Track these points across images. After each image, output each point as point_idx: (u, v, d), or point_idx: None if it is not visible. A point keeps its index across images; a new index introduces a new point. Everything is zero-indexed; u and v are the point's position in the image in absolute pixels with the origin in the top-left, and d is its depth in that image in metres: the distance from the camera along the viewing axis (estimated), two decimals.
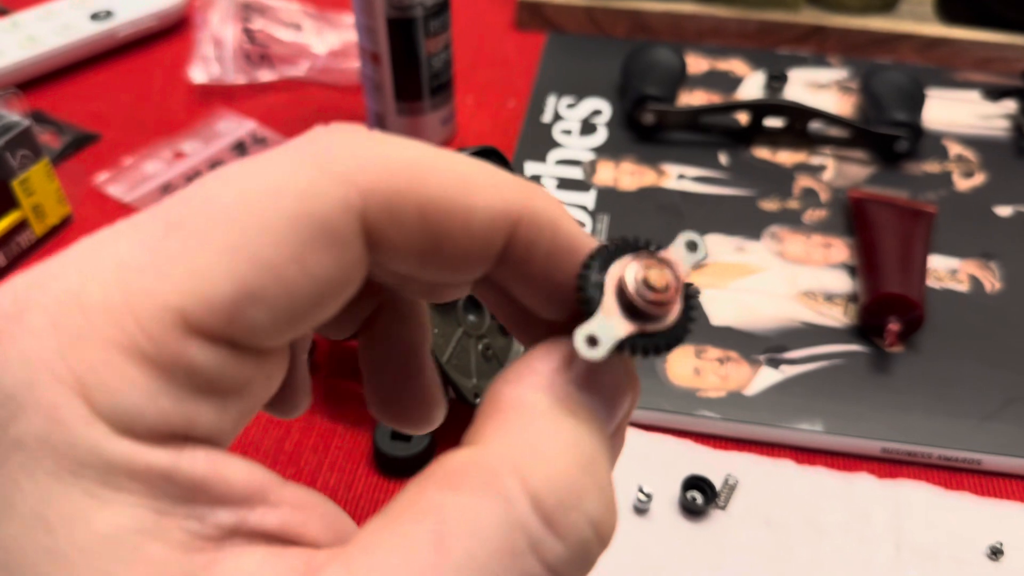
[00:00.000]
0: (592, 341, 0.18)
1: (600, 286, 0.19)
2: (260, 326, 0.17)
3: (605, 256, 0.19)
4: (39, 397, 0.15)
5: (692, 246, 0.20)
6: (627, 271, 0.19)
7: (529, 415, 0.19)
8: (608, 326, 0.19)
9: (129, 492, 0.16)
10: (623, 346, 0.19)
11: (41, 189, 0.58)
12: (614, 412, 0.20)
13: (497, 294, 0.22)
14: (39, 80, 0.72)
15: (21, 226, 0.57)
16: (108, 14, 0.74)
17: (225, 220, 0.16)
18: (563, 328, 0.20)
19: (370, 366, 0.25)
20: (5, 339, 0.16)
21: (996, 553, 0.43)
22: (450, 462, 0.18)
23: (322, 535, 0.18)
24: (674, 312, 0.19)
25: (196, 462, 0.16)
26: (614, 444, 0.20)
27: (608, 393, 0.20)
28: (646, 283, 0.19)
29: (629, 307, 0.19)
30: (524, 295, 0.21)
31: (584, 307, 0.19)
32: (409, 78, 0.62)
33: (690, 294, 0.20)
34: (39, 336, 0.16)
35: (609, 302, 0.19)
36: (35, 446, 0.15)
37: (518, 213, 0.19)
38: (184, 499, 0.16)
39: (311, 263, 0.17)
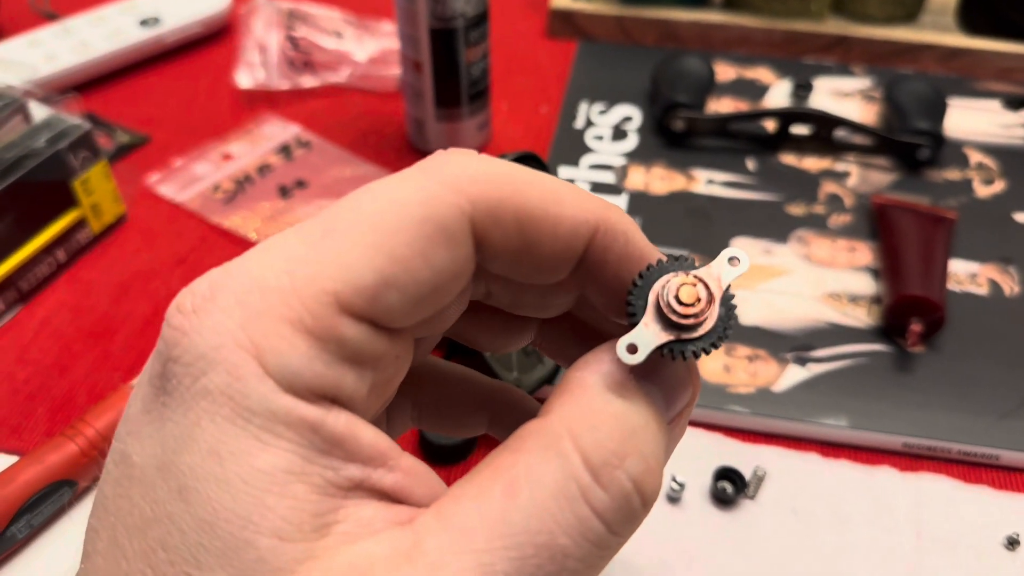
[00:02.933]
0: (632, 349, 0.22)
1: (644, 300, 0.22)
2: (394, 307, 0.21)
3: (652, 273, 0.23)
4: (224, 357, 0.19)
5: (733, 261, 0.23)
6: (666, 287, 0.22)
7: (587, 392, 0.22)
8: (647, 335, 0.22)
9: (285, 439, 0.19)
10: (661, 351, 0.22)
11: (99, 189, 0.60)
12: (671, 402, 0.23)
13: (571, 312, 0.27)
14: (90, 84, 0.75)
15: (80, 224, 0.60)
16: (156, 20, 0.77)
17: (368, 224, 0.21)
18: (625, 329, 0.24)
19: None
20: (202, 313, 0.20)
21: (1013, 544, 0.46)
22: (522, 430, 0.22)
23: (424, 498, 0.21)
24: (709, 322, 0.22)
25: (339, 421, 0.20)
26: (672, 431, 0.24)
27: (665, 384, 0.23)
28: (677, 298, 0.22)
29: (665, 319, 0.22)
30: (596, 297, 0.25)
31: (629, 319, 0.22)
32: (449, 86, 0.64)
33: (730, 305, 0.23)
34: (227, 311, 0.20)
35: (649, 314, 0.22)
36: (218, 395, 0.19)
37: (596, 222, 0.23)
38: (325, 451, 0.20)
39: (432, 257, 0.21)
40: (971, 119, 0.71)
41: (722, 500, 0.47)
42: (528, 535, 0.19)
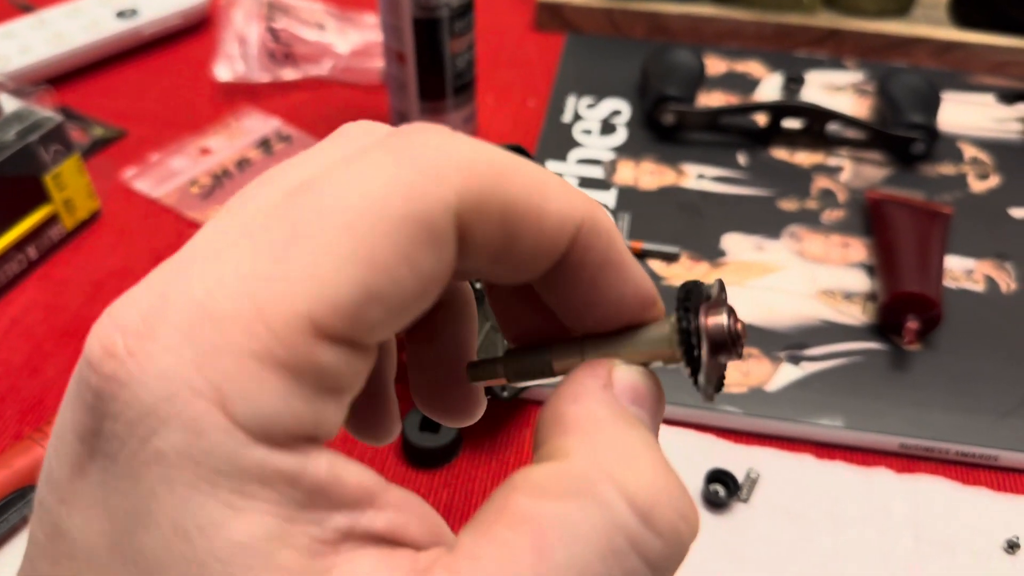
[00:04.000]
0: (708, 382, 0.21)
1: (699, 335, 0.21)
2: (376, 323, 0.18)
3: (692, 301, 0.22)
4: (179, 411, 0.16)
5: (722, 288, 0.22)
6: (720, 320, 0.21)
7: (601, 426, 0.20)
8: (711, 368, 0.21)
9: (261, 499, 0.16)
10: (719, 385, 0.22)
11: (72, 184, 0.59)
12: (655, 422, 0.22)
13: (519, 303, 0.24)
14: (66, 77, 0.73)
15: (52, 220, 0.58)
16: (133, 12, 0.75)
17: (340, 229, 0.17)
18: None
19: (420, 362, 0.26)
20: (141, 356, 0.16)
21: (1013, 547, 0.44)
22: (535, 475, 0.19)
23: (421, 535, 0.18)
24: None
25: (320, 466, 0.17)
26: None
27: (649, 406, 0.21)
28: (740, 333, 0.21)
29: (721, 351, 0.21)
30: (563, 300, 0.22)
31: (688, 352, 0.21)
32: (433, 77, 0.63)
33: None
34: (174, 351, 0.16)
35: (706, 349, 0.21)
36: (174, 458, 0.16)
37: (581, 219, 0.20)
38: (307, 504, 0.17)
39: (417, 261, 0.18)
40: (965, 113, 0.70)
41: (714, 503, 0.46)
42: None
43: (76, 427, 0.17)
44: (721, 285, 0.22)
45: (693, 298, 0.21)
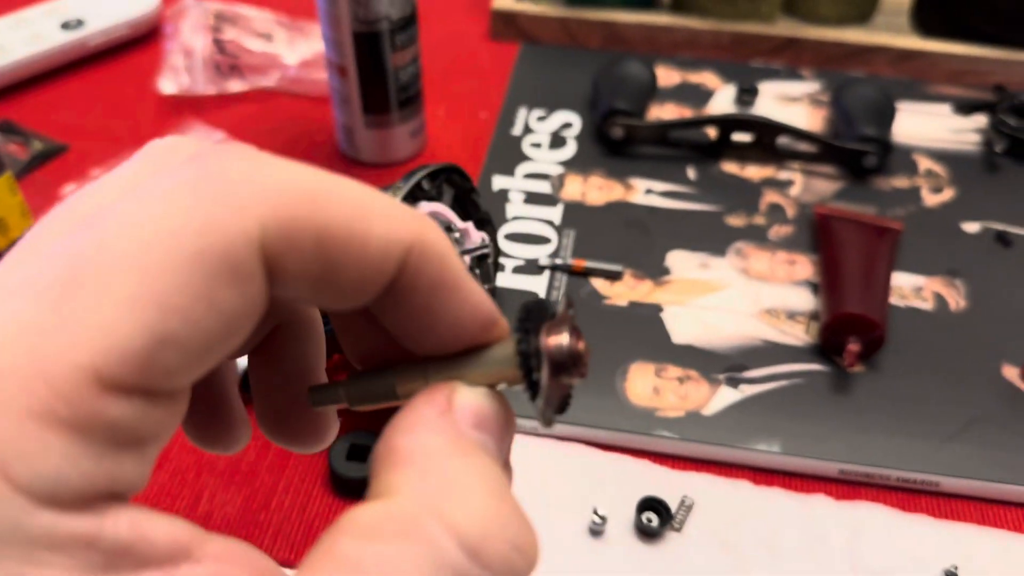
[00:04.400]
0: (547, 410, 0.20)
1: (539, 356, 0.20)
2: (174, 369, 0.16)
3: (533, 321, 0.21)
4: None
5: (569, 305, 0.22)
6: (561, 340, 0.20)
7: (433, 459, 0.19)
8: (552, 391, 0.20)
9: (54, 566, 0.15)
10: (562, 407, 0.21)
11: (4, 203, 0.57)
12: (501, 447, 0.20)
13: (361, 323, 0.23)
14: (8, 90, 0.72)
15: None
16: (79, 23, 0.74)
17: (125, 268, 0.16)
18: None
19: (263, 384, 0.25)
20: None
21: None
22: (362, 515, 0.18)
23: None
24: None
25: (119, 525, 0.16)
26: (507, 474, 0.21)
27: (493, 430, 0.20)
28: (581, 353, 0.20)
29: (562, 371, 0.20)
30: (397, 325, 0.21)
31: (528, 375, 0.20)
32: (376, 91, 0.61)
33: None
34: None
35: (546, 370, 0.20)
36: None
37: (410, 242, 0.19)
38: (110, 566, 0.16)
39: (217, 299, 0.17)
40: (921, 124, 0.69)
41: (647, 533, 0.45)
42: None
43: None
44: (568, 301, 0.21)
45: (533, 317, 0.21)
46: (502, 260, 0.57)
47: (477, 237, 0.49)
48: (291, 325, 0.24)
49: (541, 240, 0.59)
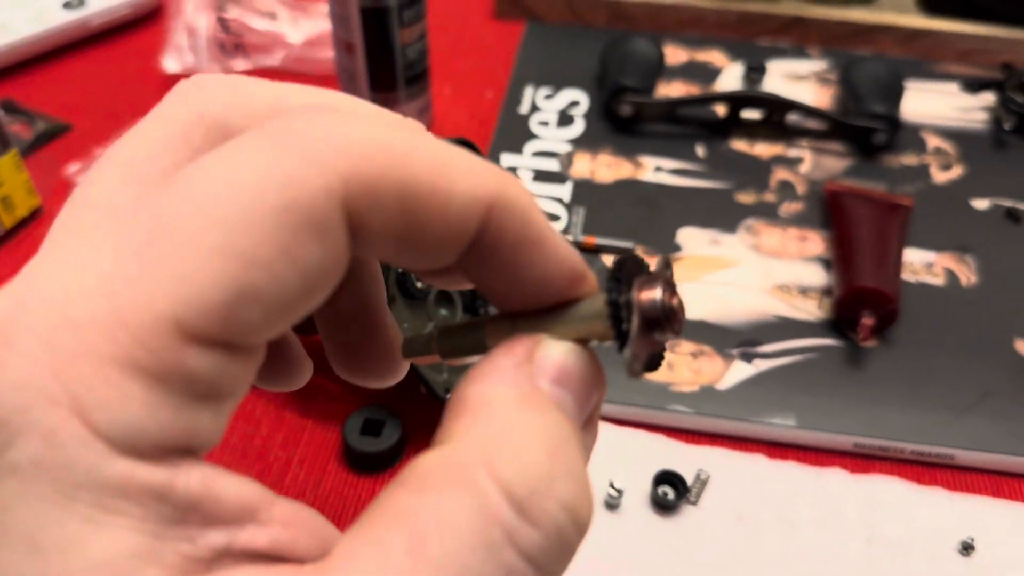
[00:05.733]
0: (636, 361, 0.20)
1: (629, 308, 0.20)
2: (255, 324, 0.16)
3: (625, 274, 0.20)
4: (35, 421, 0.15)
5: (667, 264, 0.21)
6: (654, 294, 0.20)
7: (496, 409, 0.19)
8: (640, 346, 0.20)
9: (125, 515, 0.15)
10: (653, 364, 0.21)
11: (10, 180, 0.57)
12: (583, 404, 0.20)
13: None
14: (11, 69, 0.71)
15: None
16: (81, 2, 0.73)
17: (210, 220, 0.16)
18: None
19: (329, 324, 0.25)
20: None
21: (967, 548, 0.43)
22: (420, 464, 0.18)
23: (311, 550, 0.17)
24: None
25: (191, 480, 0.16)
26: (587, 436, 0.21)
27: (575, 386, 0.20)
28: (675, 309, 0.20)
29: (654, 327, 0.20)
30: (484, 281, 0.21)
31: (617, 325, 0.20)
32: (383, 68, 0.61)
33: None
34: (31, 358, 0.15)
35: (638, 322, 0.20)
36: (30, 471, 0.15)
37: (493, 198, 0.19)
38: (178, 520, 0.16)
39: (300, 255, 0.16)
40: (929, 102, 0.69)
41: (663, 506, 0.45)
42: None
43: None
44: (667, 262, 0.21)
45: (626, 270, 0.20)
46: None
47: None
48: (352, 269, 0.24)
49: (551, 217, 0.58)
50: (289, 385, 0.25)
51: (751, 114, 0.64)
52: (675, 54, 0.72)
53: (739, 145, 0.64)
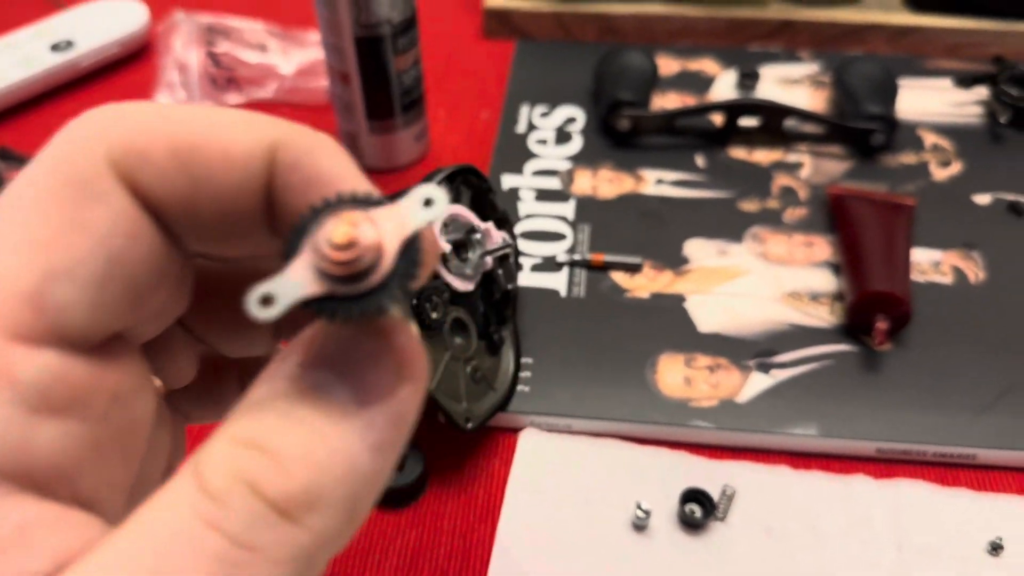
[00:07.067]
0: (267, 300, 0.16)
1: (300, 242, 0.17)
2: (73, 304, 0.17)
3: (324, 209, 0.18)
4: None
5: (428, 202, 0.18)
6: (324, 227, 0.17)
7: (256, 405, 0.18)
8: (292, 285, 0.17)
9: None
10: (319, 310, 0.17)
11: None
12: (363, 391, 0.18)
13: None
14: (2, 115, 0.71)
15: None
16: (69, 44, 0.73)
17: (9, 223, 0.17)
18: None
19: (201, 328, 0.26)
20: None
21: (996, 548, 0.43)
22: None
23: None
24: (378, 275, 0.17)
25: (5, 522, 0.15)
26: (376, 428, 0.18)
27: (349, 370, 0.18)
28: (330, 241, 0.17)
29: (319, 267, 0.17)
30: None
31: (287, 256, 0.17)
32: (380, 96, 0.61)
33: (412, 255, 0.17)
34: None
35: (303, 260, 0.17)
36: None
37: (274, 140, 0.19)
38: None
39: (86, 220, 0.17)
40: (923, 99, 0.69)
41: (691, 524, 0.44)
42: None
43: None
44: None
45: (327, 206, 0.18)
46: (520, 259, 0.57)
47: (498, 237, 0.49)
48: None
49: (556, 237, 0.58)
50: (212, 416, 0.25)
51: (748, 121, 0.65)
52: (667, 65, 0.73)
53: (738, 153, 0.64)
